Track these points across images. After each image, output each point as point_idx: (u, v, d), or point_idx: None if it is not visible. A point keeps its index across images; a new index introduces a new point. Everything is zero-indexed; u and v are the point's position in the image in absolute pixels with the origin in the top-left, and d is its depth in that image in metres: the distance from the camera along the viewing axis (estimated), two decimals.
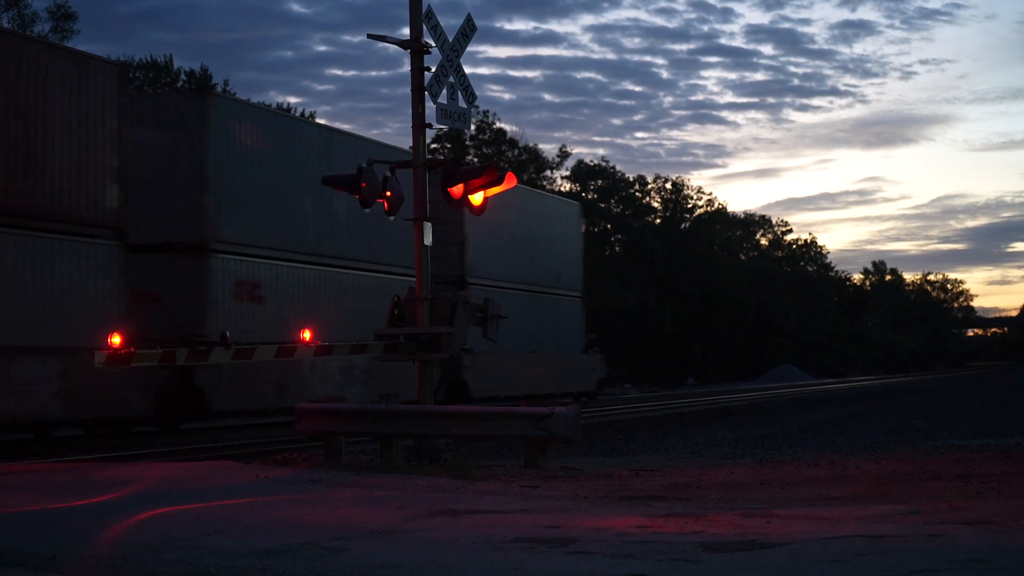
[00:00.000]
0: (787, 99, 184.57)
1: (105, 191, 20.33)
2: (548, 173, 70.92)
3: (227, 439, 22.95)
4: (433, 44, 16.02)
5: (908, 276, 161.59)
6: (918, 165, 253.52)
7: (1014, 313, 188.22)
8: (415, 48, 16.00)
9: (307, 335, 15.36)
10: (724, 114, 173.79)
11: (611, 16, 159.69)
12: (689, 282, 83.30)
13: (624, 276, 75.65)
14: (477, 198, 16.18)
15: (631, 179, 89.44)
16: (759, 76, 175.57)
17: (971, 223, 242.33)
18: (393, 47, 16.49)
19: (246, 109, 26.34)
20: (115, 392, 20.06)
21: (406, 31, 16.18)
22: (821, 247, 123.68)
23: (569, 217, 40.11)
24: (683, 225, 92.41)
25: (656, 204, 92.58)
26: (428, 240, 16.02)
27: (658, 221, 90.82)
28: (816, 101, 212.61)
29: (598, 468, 14.97)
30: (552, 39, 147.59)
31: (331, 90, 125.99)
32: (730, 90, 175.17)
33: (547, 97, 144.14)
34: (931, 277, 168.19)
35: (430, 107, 15.98)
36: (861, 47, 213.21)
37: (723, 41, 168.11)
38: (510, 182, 16.50)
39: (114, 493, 11.15)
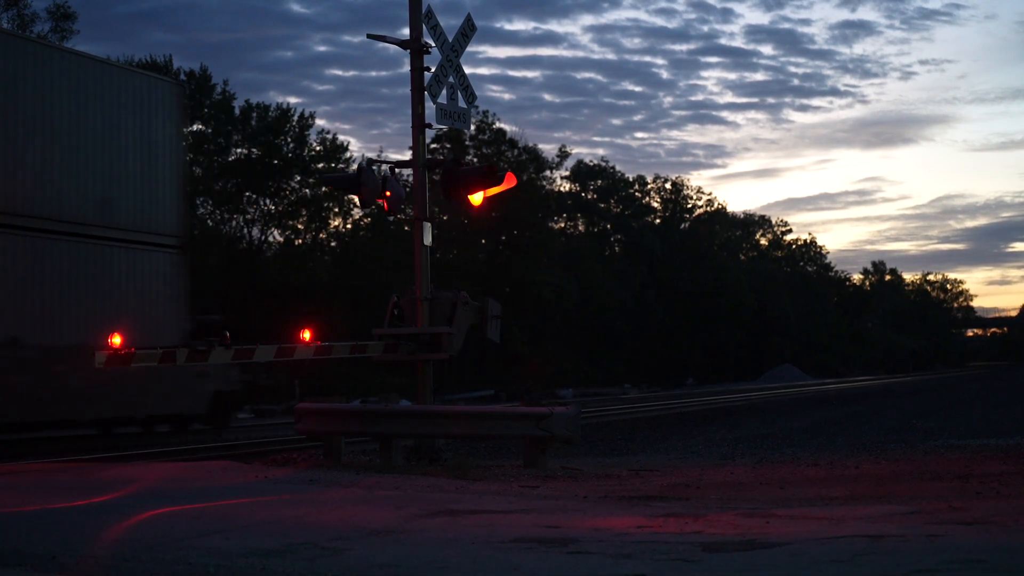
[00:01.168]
0: (787, 99, 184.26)
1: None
2: (548, 173, 70.75)
3: (227, 439, 22.94)
4: (433, 44, 16.02)
5: (908, 276, 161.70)
6: (918, 165, 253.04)
7: (1014, 313, 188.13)
8: (415, 48, 16.00)
9: (307, 335, 15.32)
10: (724, 114, 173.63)
11: (611, 16, 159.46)
12: (689, 282, 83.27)
13: (624, 276, 75.63)
14: (477, 198, 16.21)
15: (631, 179, 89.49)
16: (759, 76, 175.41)
17: (971, 223, 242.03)
18: (393, 47, 16.51)
19: None
20: None
21: (406, 31, 16.20)
22: (821, 247, 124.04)
23: (147, 103, 22.25)
24: (683, 225, 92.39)
25: (656, 204, 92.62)
26: (428, 240, 16.00)
27: (658, 221, 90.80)
28: (816, 101, 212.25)
29: (598, 468, 14.97)
30: (552, 39, 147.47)
31: (331, 90, 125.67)
32: (730, 90, 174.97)
33: (547, 97, 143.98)
34: (931, 277, 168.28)
35: (430, 107, 15.99)
36: (861, 47, 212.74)
37: (723, 41, 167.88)
38: (509, 182, 16.51)
39: (114, 493, 11.15)
